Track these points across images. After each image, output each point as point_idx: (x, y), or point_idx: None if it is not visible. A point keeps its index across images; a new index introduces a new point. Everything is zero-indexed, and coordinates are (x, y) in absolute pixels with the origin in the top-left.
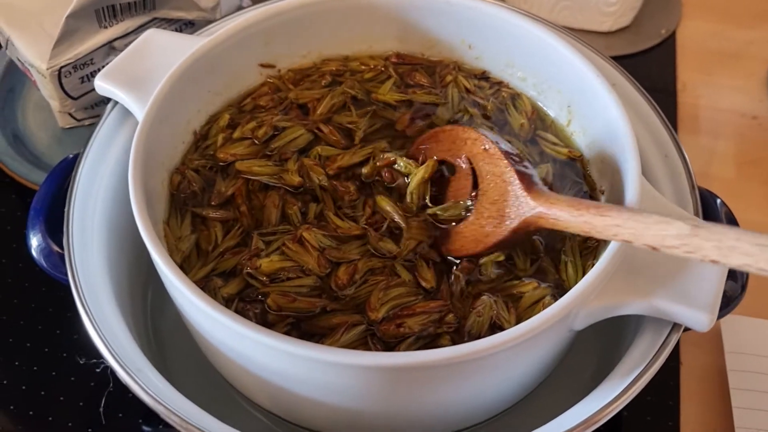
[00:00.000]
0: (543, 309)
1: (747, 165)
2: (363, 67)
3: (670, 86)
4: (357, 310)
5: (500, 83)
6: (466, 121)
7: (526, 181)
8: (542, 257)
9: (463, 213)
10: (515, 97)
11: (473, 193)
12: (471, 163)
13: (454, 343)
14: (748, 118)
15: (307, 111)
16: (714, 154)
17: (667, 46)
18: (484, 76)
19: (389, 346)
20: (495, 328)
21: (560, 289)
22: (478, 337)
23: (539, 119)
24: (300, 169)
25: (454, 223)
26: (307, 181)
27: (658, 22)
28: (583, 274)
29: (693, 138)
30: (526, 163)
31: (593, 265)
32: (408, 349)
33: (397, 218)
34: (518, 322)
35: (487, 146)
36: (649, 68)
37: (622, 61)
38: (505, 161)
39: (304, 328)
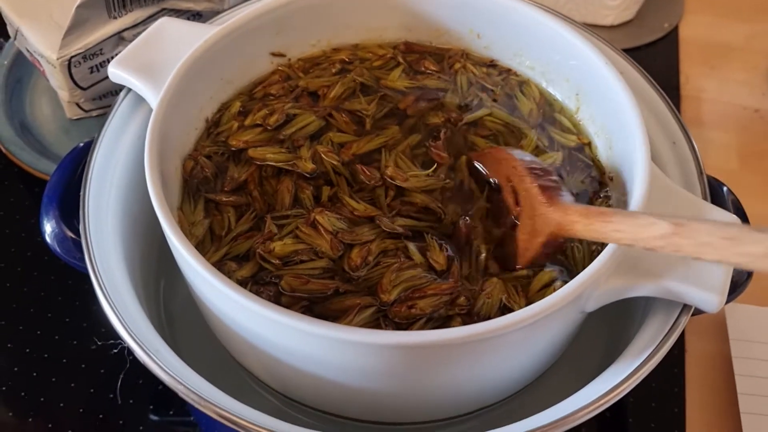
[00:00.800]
0: (553, 293)
1: (749, 157)
2: (371, 55)
3: (673, 80)
4: (369, 292)
5: (508, 71)
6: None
7: (548, 194)
8: None
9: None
10: (523, 83)
11: (518, 209)
12: (511, 182)
13: (465, 324)
14: (751, 110)
15: (318, 98)
16: (717, 147)
17: (670, 39)
18: (492, 64)
19: (400, 328)
20: (505, 310)
21: (567, 273)
22: (488, 319)
23: (548, 104)
24: (314, 156)
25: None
26: (320, 167)
27: (661, 16)
28: (590, 258)
29: (696, 131)
30: (553, 177)
31: (598, 249)
32: (420, 330)
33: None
34: (527, 305)
35: (515, 164)
36: (652, 62)
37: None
38: (529, 177)
39: (317, 310)
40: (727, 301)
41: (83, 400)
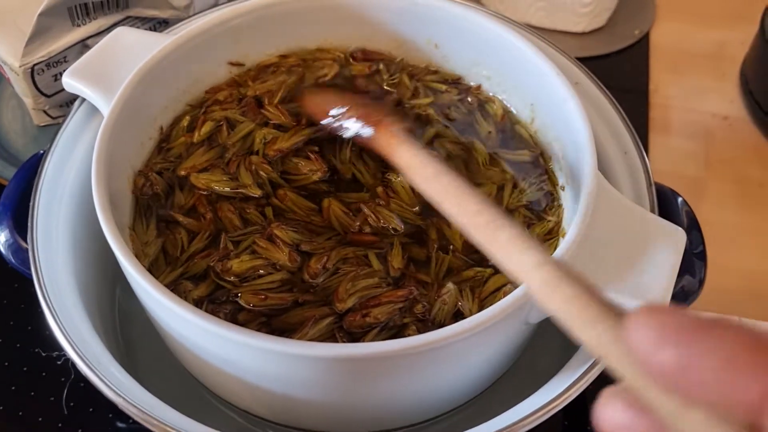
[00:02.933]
0: (503, 297)
1: (718, 164)
2: (321, 61)
3: (642, 86)
4: (327, 301)
5: (468, 89)
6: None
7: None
8: None
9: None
10: (485, 102)
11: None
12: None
13: (419, 332)
14: (719, 118)
15: (262, 104)
16: (685, 154)
17: (641, 46)
18: (456, 82)
19: (355, 338)
20: (458, 316)
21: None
22: (442, 325)
23: (509, 121)
24: (254, 174)
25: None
26: (257, 179)
27: (632, 23)
28: None
29: (664, 138)
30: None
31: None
32: (374, 339)
33: None
34: (480, 309)
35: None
36: (623, 69)
37: (596, 61)
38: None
39: (275, 324)
40: None
41: (43, 408)
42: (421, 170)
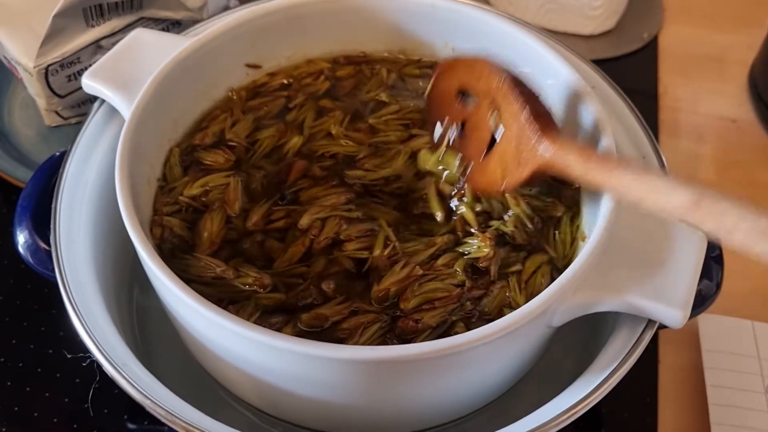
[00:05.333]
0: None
1: (727, 167)
2: (306, 80)
3: (651, 90)
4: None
5: None
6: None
7: (542, 123)
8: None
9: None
10: None
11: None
12: (494, 101)
13: (468, 329)
14: (728, 121)
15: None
16: (694, 157)
17: (650, 49)
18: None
19: (406, 341)
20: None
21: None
22: (490, 319)
23: None
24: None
25: (482, 158)
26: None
27: (641, 26)
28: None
29: (673, 141)
30: (543, 103)
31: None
32: (424, 341)
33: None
34: (528, 299)
35: (500, 82)
36: (632, 72)
37: (604, 64)
38: (519, 100)
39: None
40: (696, 314)
41: (58, 409)
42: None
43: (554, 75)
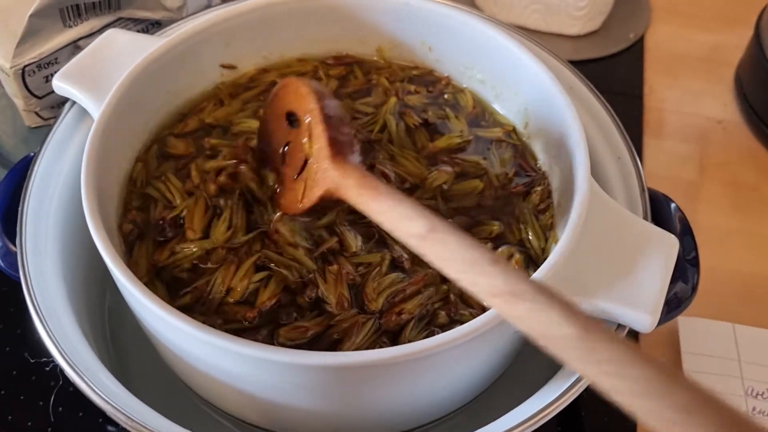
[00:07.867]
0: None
1: (711, 168)
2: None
3: (637, 90)
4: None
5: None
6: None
7: (336, 148)
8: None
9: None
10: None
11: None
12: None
13: (449, 317)
14: (714, 121)
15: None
16: (679, 158)
17: (635, 50)
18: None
19: (395, 335)
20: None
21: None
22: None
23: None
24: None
25: (295, 178)
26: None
27: (627, 27)
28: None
29: (659, 141)
30: (346, 130)
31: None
32: (410, 333)
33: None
34: None
35: (314, 105)
36: (617, 72)
37: (590, 64)
38: (323, 124)
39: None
40: (672, 317)
41: (32, 413)
42: (407, 226)
43: (529, 75)
